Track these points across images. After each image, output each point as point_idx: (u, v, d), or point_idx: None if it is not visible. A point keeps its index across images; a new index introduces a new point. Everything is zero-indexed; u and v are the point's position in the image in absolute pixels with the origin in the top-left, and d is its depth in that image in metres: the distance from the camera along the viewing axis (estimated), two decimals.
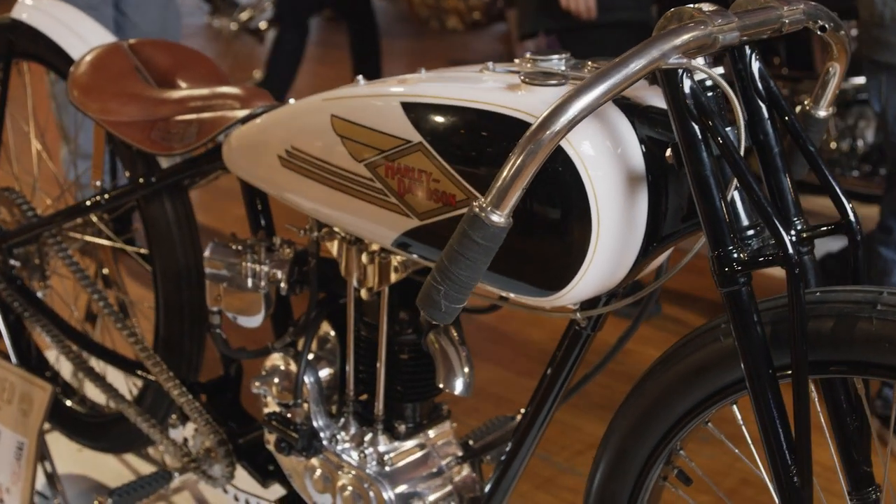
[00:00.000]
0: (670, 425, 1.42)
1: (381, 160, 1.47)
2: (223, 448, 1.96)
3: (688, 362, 1.38)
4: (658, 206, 1.36)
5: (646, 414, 1.44)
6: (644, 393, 1.44)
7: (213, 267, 1.82)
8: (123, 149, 2.01)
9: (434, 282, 1.17)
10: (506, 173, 1.15)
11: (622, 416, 1.47)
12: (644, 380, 1.44)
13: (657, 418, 1.43)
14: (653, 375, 1.43)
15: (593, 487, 1.53)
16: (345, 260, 1.66)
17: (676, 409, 1.41)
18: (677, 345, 1.41)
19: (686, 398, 1.40)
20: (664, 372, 1.41)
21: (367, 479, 1.70)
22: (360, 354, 1.73)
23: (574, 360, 1.53)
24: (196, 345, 2.11)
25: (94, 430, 2.41)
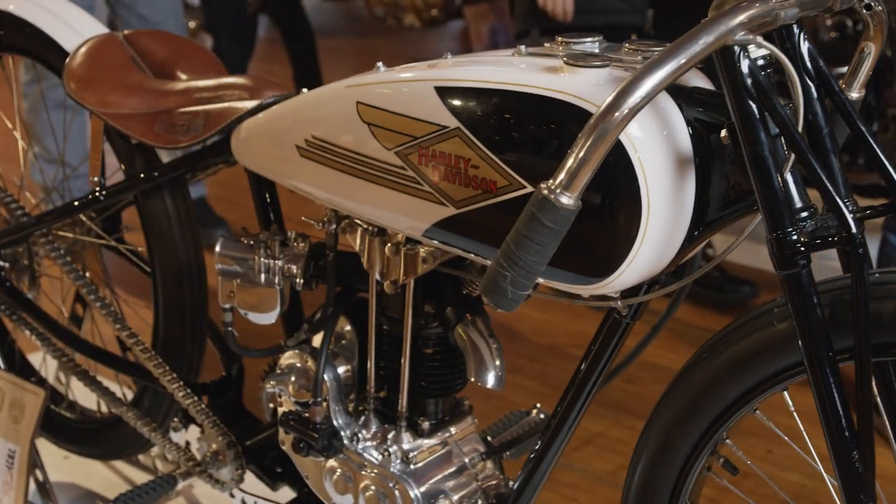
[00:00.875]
0: (718, 414, 1.39)
1: (413, 147, 1.43)
2: (232, 450, 1.90)
3: (738, 348, 1.35)
4: (705, 189, 1.33)
5: (692, 403, 1.40)
6: (690, 381, 1.41)
7: (224, 263, 1.76)
8: (121, 143, 1.94)
9: (500, 268, 1.12)
10: (575, 155, 1.11)
11: (665, 407, 1.44)
12: (689, 369, 1.41)
13: (704, 407, 1.40)
14: (699, 363, 1.40)
15: (634, 480, 1.49)
16: (367, 252, 1.61)
17: (726, 396, 1.38)
18: (724, 332, 1.38)
19: (736, 385, 1.37)
20: (712, 359, 1.38)
21: (391, 478, 1.66)
22: (382, 350, 1.68)
23: (612, 350, 1.49)
24: (197, 345, 2.04)
25: (84, 436, 2.34)
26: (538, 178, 1.32)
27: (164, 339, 2.03)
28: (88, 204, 1.96)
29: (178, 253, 1.97)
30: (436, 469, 1.69)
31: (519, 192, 1.34)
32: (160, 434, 2.02)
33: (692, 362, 1.41)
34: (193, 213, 1.99)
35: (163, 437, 2.01)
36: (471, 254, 1.45)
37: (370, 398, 1.70)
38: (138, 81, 1.86)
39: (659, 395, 1.69)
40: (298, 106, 1.64)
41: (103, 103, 1.83)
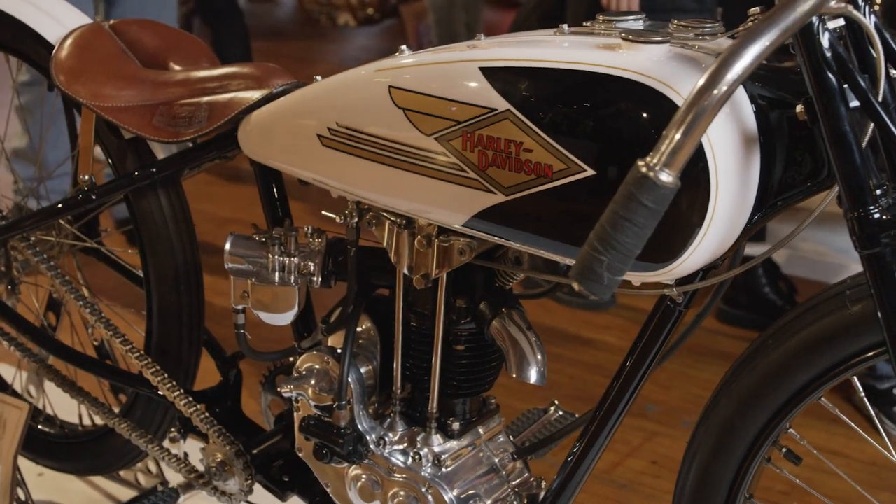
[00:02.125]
0: (784, 401, 1.34)
1: (456, 132, 1.36)
2: (241, 460, 1.81)
3: (808, 333, 1.30)
4: (768, 169, 1.28)
5: (756, 391, 1.35)
6: (754, 369, 1.35)
7: (235, 262, 1.66)
8: (111, 139, 1.83)
9: (595, 252, 1.06)
10: (676, 130, 1.05)
11: (727, 396, 1.38)
12: (752, 356, 1.36)
13: (770, 394, 1.35)
14: (764, 350, 1.35)
15: (690, 475, 1.44)
16: (394, 246, 1.53)
17: (793, 383, 1.33)
18: (791, 316, 1.34)
19: (804, 371, 1.32)
20: (779, 345, 1.33)
21: (423, 482, 1.58)
22: (410, 349, 1.60)
23: (664, 339, 1.43)
24: (194, 351, 1.94)
25: (66, 451, 2.22)
26: (599, 160, 1.27)
27: (159, 345, 1.92)
28: (79, 204, 1.84)
29: (174, 254, 1.87)
30: (468, 471, 1.62)
31: (578, 176, 1.27)
32: (156, 445, 1.91)
33: (756, 349, 1.36)
34: (189, 211, 1.88)
35: (160, 448, 1.91)
36: (517, 244, 1.38)
37: (396, 400, 1.62)
38: (133, 72, 1.75)
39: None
40: (318, 93, 1.55)
41: (97, 96, 1.73)
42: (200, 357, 1.97)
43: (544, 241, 1.35)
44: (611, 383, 1.50)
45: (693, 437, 1.44)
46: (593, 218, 1.29)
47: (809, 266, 3.68)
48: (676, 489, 1.47)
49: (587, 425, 1.54)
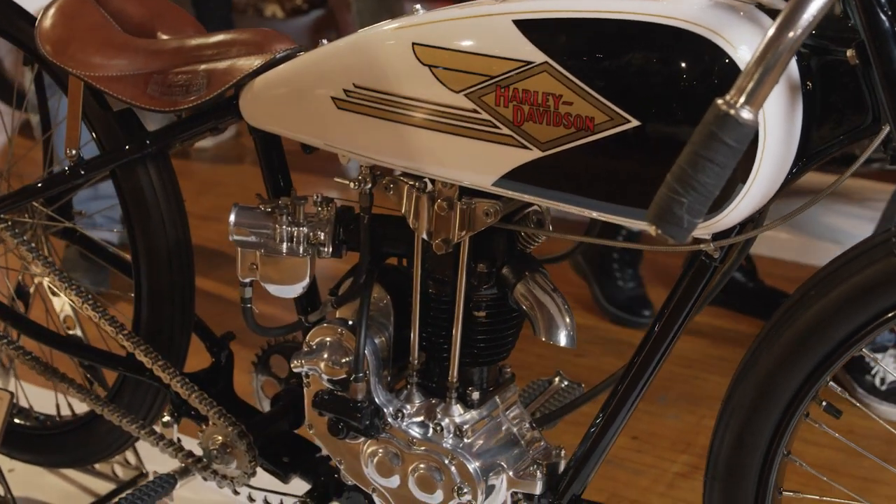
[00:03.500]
0: (827, 353, 1.33)
1: (489, 87, 1.32)
2: (244, 441, 1.74)
3: (853, 282, 1.29)
4: (810, 118, 1.27)
5: (798, 344, 1.33)
6: (795, 321, 1.33)
7: (241, 234, 1.60)
8: (98, 111, 1.76)
9: (674, 194, 1.03)
10: (756, 68, 1.03)
11: (766, 351, 1.36)
12: (793, 309, 1.34)
13: (812, 347, 1.33)
14: (805, 302, 1.33)
15: (725, 436, 1.42)
16: (413, 211, 1.49)
17: (835, 335, 1.31)
18: (833, 267, 1.32)
19: (848, 322, 1.30)
20: (821, 296, 1.32)
21: (446, 454, 1.54)
22: (429, 316, 1.55)
23: (699, 295, 1.41)
24: (185, 333, 1.87)
25: (43, 444, 2.13)
26: (644, 110, 1.25)
27: (149, 327, 1.85)
28: (66, 179, 1.77)
29: (165, 231, 1.80)
30: (489, 441, 1.58)
31: (621, 128, 1.25)
32: (149, 431, 1.84)
33: (796, 302, 1.34)
34: (178, 186, 1.82)
35: (153, 433, 1.83)
36: (552, 202, 1.35)
37: (413, 371, 1.58)
38: (123, 41, 1.68)
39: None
40: (330, 55, 1.50)
41: (86, 65, 1.65)
42: (190, 339, 1.90)
43: (582, 197, 1.32)
44: (641, 344, 1.48)
45: (729, 396, 1.41)
46: (636, 171, 1.29)
47: (769, 245, 3.71)
48: (712, 450, 1.45)
49: (615, 386, 1.52)
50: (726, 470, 1.43)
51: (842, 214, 3.85)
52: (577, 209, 1.35)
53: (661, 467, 2.48)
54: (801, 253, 3.51)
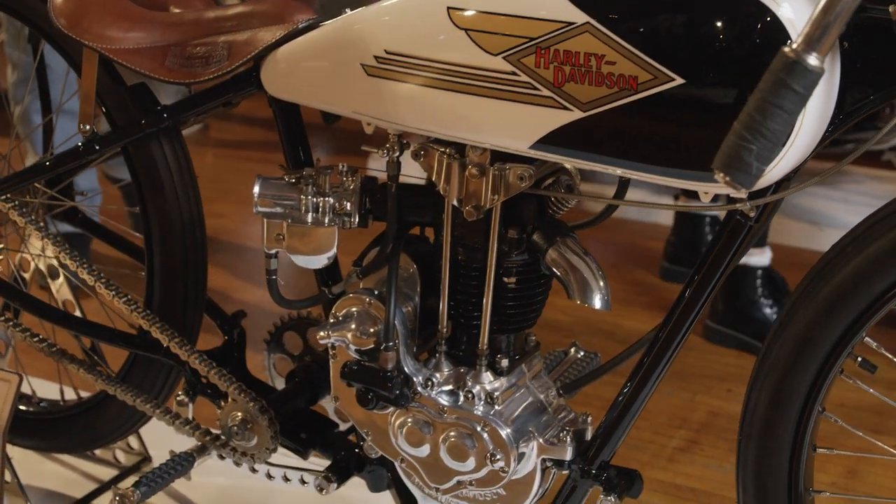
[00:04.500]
0: (864, 308, 1.35)
1: (529, 49, 1.32)
2: (265, 417, 1.73)
3: (889, 238, 1.31)
4: (848, 75, 1.28)
5: (836, 298, 1.35)
6: (832, 277, 1.35)
7: (265, 205, 1.59)
8: (110, 86, 1.74)
9: (743, 141, 1.04)
10: (823, 15, 1.04)
11: (803, 308, 1.38)
12: (830, 264, 1.36)
13: (849, 302, 1.35)
14: (842, 258, 1.35)
15: (762, 393, 1.43)
16: (444, 176, 1.49)
17: (872, 290, 1.33)
18: (869, 223, 1.34)
19: (885, 276, 1.32)
20: (857, 252, 1.34)
21: (479, 421, 1.54)
22: (459, 283, 1.55)
23: (734, 254, 1.43)
24: (198, 312, 1.86)
25: (47, 429, 2.10)
26: (690, 67, 1.25)
27: (162, 305, 1.83)
28: (80, 155, 1.74)
29: (179, 207, 1.79)
30: (519, 409, 1.58)
31: (666, 87, 1.26)
32: (164, 410, 1.82)
33: (832, 259, 1.36)
34: (191, 162, 1.80)
35: (168, 411, 1.82)
36: (591, 163, 1.35)
37: (442, 339, 1.58)
38: (139, 14, 1.66)
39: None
40: (357, 22, 1.49)
41: (103, 38, 1.63)
42: (202, 318, 1.88)
43: (623, 158, 1.33)
44: (672, 307, 1.49)
45: (764, 355, 1.43)
46: (679, 130, 1.30)
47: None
48: (746, 409, 1.46)
49: (646, 350, 1.53)
50: (762, 428, 1.44)
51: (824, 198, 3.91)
52: (617, 170, 1.35)
53: (659, 443, 2.50)
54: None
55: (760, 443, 1.45)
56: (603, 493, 1.58)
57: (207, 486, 2.17)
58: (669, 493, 2.31)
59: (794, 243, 3.55)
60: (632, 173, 1.35)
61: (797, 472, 1.44)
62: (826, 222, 3.75)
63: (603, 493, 1.58)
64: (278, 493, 2.17)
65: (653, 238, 3.40)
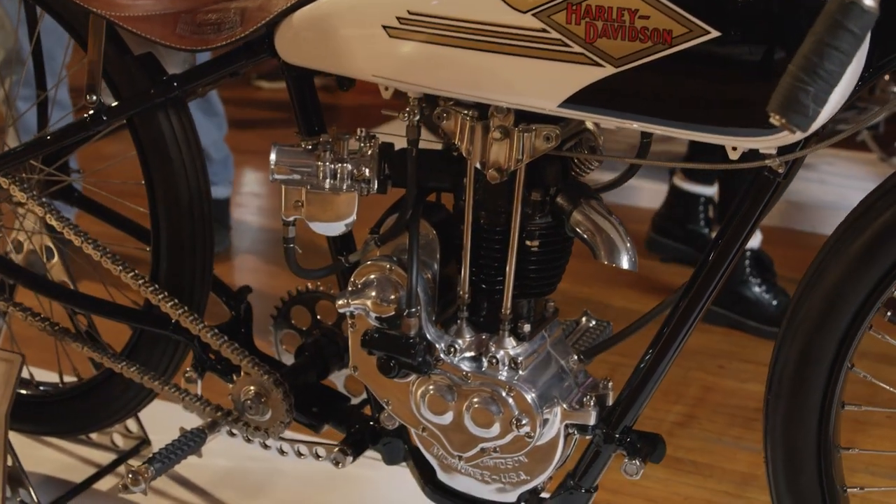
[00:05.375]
0: (894, 262, 1.35)
1: (559, 5, 1.31)
2: (279, 390, 1.71)
3: None
4: (879, 27, 1.28)
5: (866, 252, 1.35)
6: (863, 230, 1.35)
7: (282, 172, 1.56)
8: (116, 56, 1.70)
9: (800, 83, 1.04)
10: None
11: (833, 262, 1.38)
12: (860, 219, 1.36)
13: (880, 256, 1.35)
14: (872, 212, 1.35)
15: (791, 351, 1.43)
16: (466, 140, 1.47)
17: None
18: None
19: None
20: (887, 206, 1.34)
21: (504, 386, 1.52)
22: (482, 248, 1.54)
23: (761, 212, 1.42)
24: (205, 287, 1.83)
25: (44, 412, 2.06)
26: (725, 19, 1.25)
27: (169, 280, 1.80)
28: (86, 126, 1.70)
29: (187, 179, 1.76)
30: (542, 374, 1.57)
31: (700, 40, 1.25)
32: (172, 387, 1.79)
33: (862, 213, 1.36)
34: (196, 133, 1.77)
35: (177, 388, 1.79)
36: (622, 120, 1.34)
37: (463, 305, 1.56)
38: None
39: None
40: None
41: (111, 5, 1.60)
42: (209, 293, 1.86)
43: (655, 115, 1.32)
44: (698, 269, 1.48)
45: (793, 312, 1.43)
46: (714, 84, 1.29)
47: None
48: (775, 367, 1.46)
49: (670, 313, 1.52)
50: (791, 386, 1.44)
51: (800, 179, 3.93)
52: (647, 127, 1.35)
53: (657, 418, 2.51)
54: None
55: (790, 401, 1.45)
56: (627, 457, 1.57)
57: (210, 468, 2.14)
58: (671, 467, 2.31)
59: (771, 223, 3.57)
60: (662, 130, 1.34)
61: (826, 430, 1.44)
62: (803, 202, 3.78)
63: (627, 458, 1.57)
64: (280, 475, 2.14)
65: (637, 221, 3.41)
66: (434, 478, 1.68)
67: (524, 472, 1.60)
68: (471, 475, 1.64)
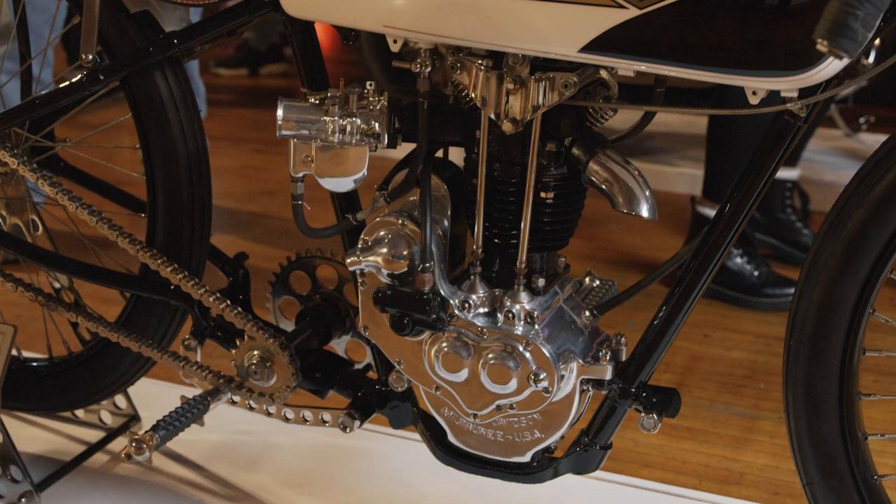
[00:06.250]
0: None
1: None
2: (286, 353, 1.67)
3: None
4: None
5: (889, 195, 1.35)
6: (886, 173, 1.35)
7: (290, 128, 1.53)
8: (110, 14, 1.66)
9: (849, 7, 1.03)
10: None
11: (857, 205, 1.37)
12: (884, 159, 1.35)
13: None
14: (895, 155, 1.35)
15: (814, 295, 1.42)
16: (481, 90, 1.45)
17: None
18: None
19: None
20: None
21: (520, 340, 1.50)
22: (496, 200, 1.51)
23: (782, 156, 1.41)
24: (204, 251, 1.78)
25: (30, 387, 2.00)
26: None
27: (166, 245, 1.75)
28: (83, 87, 1.65)
29: (185, 140, 1.71)
30: (557, 327, 1.55)
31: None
32: (172, 354, 1.75)
33: (886, 154, 1.35)
34: (192, 93, 1.73)
35: (175, 356, 1.74)
36: (646, 64, 1.33)
37: (477, 260, 1.54)
38: None
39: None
40: None
41: None
42: (206, 257, 1.81)
43: (676, 59, 1.31)
44: (715, 219, 1.47)
45: (814, 260, 1.41)
46: (740, 26, 1.28)
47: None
48: (797, 313, 1.44)
49: (686, 266, 1.51)
50: (813, 330, 1.43)
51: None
52: (671, 71, 1.33)
53: None
54: None
55: (811, 346, 1.44)
56: (644, 412, 1.56)
57: (202, 443, 2.10)
58: (666, 433, 2.30)
59: None
60: (685, 73, 1.32)
61: (848, 376, 1.44)
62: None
63: (644, 413, 1.56)
64: (274, 449, 2.11)
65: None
66: (445, 440, 1.65)
67: (538, 430, 1.58)
68: (483, 435, 1.61)
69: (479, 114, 1.48)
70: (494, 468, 1.64)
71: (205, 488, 1.99)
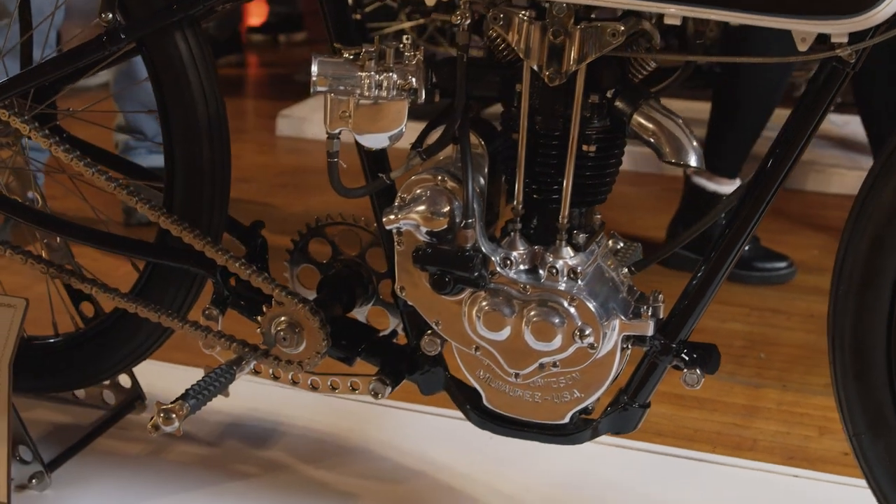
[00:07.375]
0: None
1: None
2: (316, 318, 1.63)
3: None
4: None
5: None
6: None
7: (324, 84, 1.49)
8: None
9: None
10: None
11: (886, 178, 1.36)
12: None
13: None
14: None
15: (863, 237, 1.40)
16: (524, 41, 1.42)
17: None
18: None
19: None
20: None
21: (565, 296, 1.48)
22: (538, 154, 1.49)
23: (828, 104, 1.41)
24: (223, 217, 1.74)
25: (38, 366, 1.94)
26: None
27: (185, 210, 1.70)
28: (102, 46, 1.60)
29: (206, 102, 1.66)
30: (599, 284, 1.53)
31: None
32: (192, 323, 1.70)
33: None
34: (211, 54, 1.68)
35: (196, 325, 1.70)
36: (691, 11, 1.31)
37: (517, 216, 1.51)
38: None
39: None
40: None
41: None
42: (225, 223, 1.77)
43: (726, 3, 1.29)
44: (760, 168, 1.46)
45: (862, 208, 1.40)
46: None
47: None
48: (844, 262, 1.43)
49: (730, 219, 1.50)
50: (861, 278, 1.42)
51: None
52: (721, 15, 1.31)
53: None
54: None
55: (858, 296, 1.43)
56: (686, 368, 1.54)
57: (211, 421, 2.05)
58: (675, 403, 2.30)
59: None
60: (735, 18, 1.31)
61: None
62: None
63: (686, 369, 1.54)
64: (286, 424, 2.07)
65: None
66: (479, 403, 1.63)
67: (578, 389, 1.56)
68: (520, 398, 1.59)
69: (519, 66, 1.46)
70: (532, 430, 1.62)
71: (218, 465, 1.95)
